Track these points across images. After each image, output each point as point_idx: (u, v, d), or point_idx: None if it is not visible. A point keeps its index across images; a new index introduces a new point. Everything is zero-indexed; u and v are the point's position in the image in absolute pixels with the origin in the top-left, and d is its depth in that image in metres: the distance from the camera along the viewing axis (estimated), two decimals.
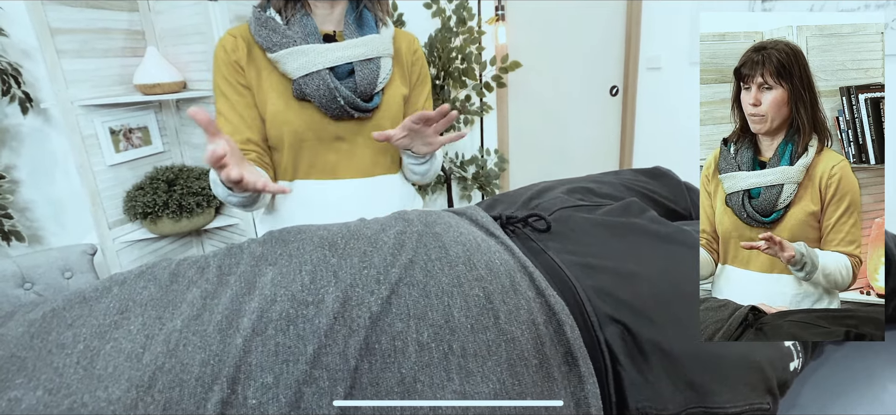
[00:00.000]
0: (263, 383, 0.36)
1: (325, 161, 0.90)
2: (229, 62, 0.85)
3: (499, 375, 0.43)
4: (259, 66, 0.86)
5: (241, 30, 0.88)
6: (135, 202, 1.68)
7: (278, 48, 0.83)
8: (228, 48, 0.85)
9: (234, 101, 0.86)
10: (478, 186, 2.34)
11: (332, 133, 0.88)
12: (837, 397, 0.61)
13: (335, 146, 0.89)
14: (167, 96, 1.71)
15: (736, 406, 0.47)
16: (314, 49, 0.83)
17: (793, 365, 0.53)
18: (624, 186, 0.83)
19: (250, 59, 0.86)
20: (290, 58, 0.82)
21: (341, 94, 0.83)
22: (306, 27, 0.85)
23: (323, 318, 0.41)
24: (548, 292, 0.50)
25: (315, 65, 0.82)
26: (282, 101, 0.85)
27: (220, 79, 0.87)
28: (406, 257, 0.50)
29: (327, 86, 0.82)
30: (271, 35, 0.83)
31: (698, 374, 0.47)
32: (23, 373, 0.35)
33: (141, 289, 0.43)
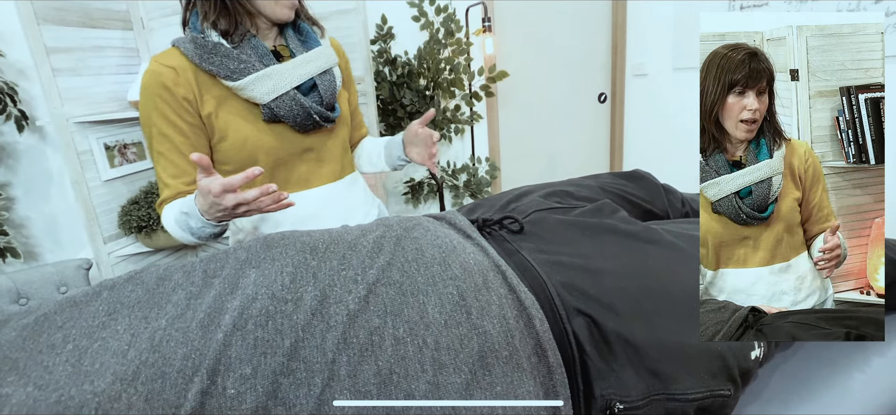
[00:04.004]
0: (242, 375, 0.39)
1: (297, 174, 0.91)
2: (175, 99, 0.79)
3: (470, 366, 0.45)
4: (215, 95, 0.82)
5: (174, 58, 0.80)
6: (130, 217, 1.70)
7: (239, 76, 0.79)
8: (170, 84, 0.78)
9: (177, 143, 0.80)
10: (469, 194, 2.37)
11: (301, 147, 0.90)
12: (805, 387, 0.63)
13: (305, 158, 0.91)
14: None
15: (697, 393, 0.50)
16: (277, 71, 0.82)
17: (754, 354, 0.55)
18: (601, 189, 0.86)
19: (202, 90, 0.81)
20: (256, 84, 0.80)
21: (314, 109, 0.85)
22: (258, 49, 0.82)
23: (301, 314, 0.44)
24: (519, 289, 0.52)
25: (283, 86, 0.82)
26: (249, 125, 0.83)
27: (158, 118, 0.79)
28: (384, 259, 0.52)
29: (300, 104, 0.84)
30: (225, 62, 0.79)
31: (661, 363, 0.50)
32: (14, 372, 0.37)
33: (129, 292, 0.45)
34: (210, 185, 0.67)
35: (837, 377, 0.64)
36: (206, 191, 0.67)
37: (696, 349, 0.51)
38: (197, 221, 0.74)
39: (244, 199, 0.67)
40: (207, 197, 0.68)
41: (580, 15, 2.47)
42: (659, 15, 2.27)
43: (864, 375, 0.64)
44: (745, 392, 0.59)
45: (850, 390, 0.62)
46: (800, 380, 0.64)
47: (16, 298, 1.31)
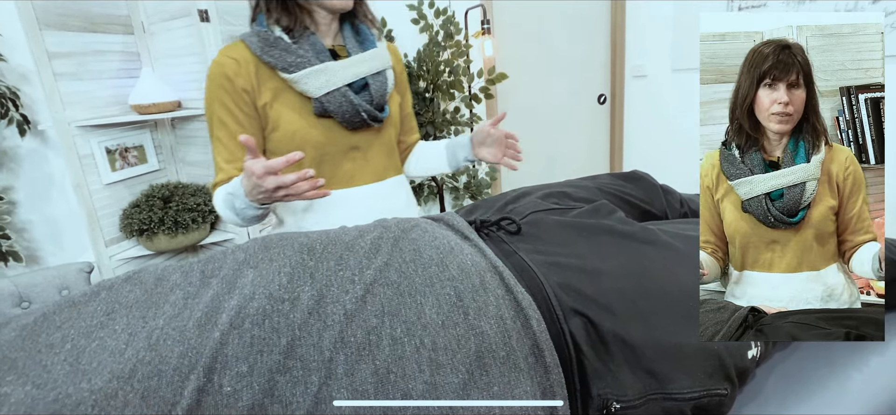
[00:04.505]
0: (238, 372, 0.39)
1: (343, 171, 0.94)
2: (234, 89, 0.84)
3: (467, 367, 0.45)
4: (272, 87, 0.87)
5: (238, 51, 0.86)
6: (131, 220, 1.71)
7: (295, 69, 0.84)
8: (231, 74, 0.84)
9: (233, 130, 0.86)
10: (469, 196, 2.37)
11: (348, 144, 0.93)
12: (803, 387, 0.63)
13: (351, 156, 0.94)
14: (162, 115, 1.75)
15: (693, 392, 0.50)
16: (331, 67, 0.86)
17: (751, 353, 0.55)
18: (599, 190, 0.86)
19: (260, 81, 0.86)
20: (310, 78, 0.84)
21: (363, 107, 0.89)
22: (315, 45, 0.87)
23: (297, 313, 0.44)
24: (516, 290, 0.53)
25: (335, 83, 0.86)
26: (300, 118, 0.87)
27: (218, 106, 0.85)
28: (381, 260, 0.53)
29: (350, 101, 0.87)
30: (284, 55, 0.84)
31: (657, 362, 0.50)
32: (14, 371, 0.38)
33: (127, 292, 0.46)
34: (253, 166, 0.71)
35: (835, 377, 0.64)
36: (250, 172, 0.71)
37: (693, 349, 0.52)
38: (241, 202, 0.79)
39: (283, 182, 0.71)
40: (251, 178, 0.72)
41: (579, 17, 2.47)
42: (658, 16, 2.27)
43: (863, 374, 0.63)
44: (743, 392, 0.59)
45: (848, 389, 0.62)
46: (798, 379, 0.63)
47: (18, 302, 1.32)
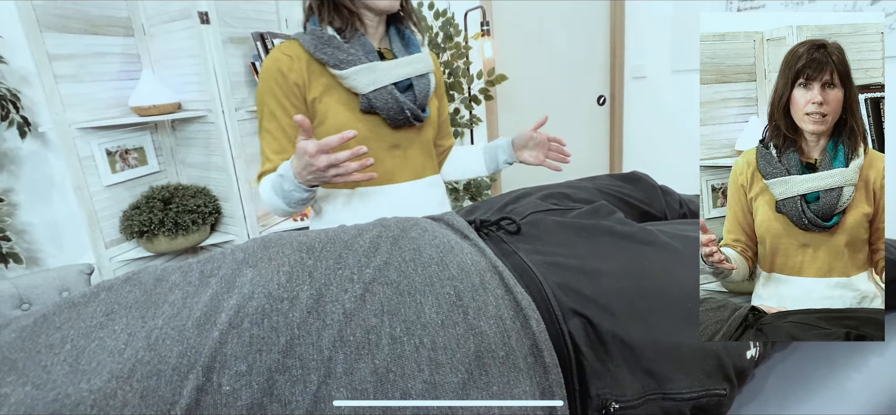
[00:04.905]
0: (237, 371, 0.39)
1: (384, 168, 0.97)
2: (287, 84, 0.90)
3: (467, 366, 0.45)
4: (322, 83, 0.92)
5: (292, 48, 0.92)
6: (131, 221, 1.71)
7: (346, 66, 0.89)
8: (285, 69, 0.89)
9: (284, 124, 0.91)
10: (469, 196, 2.38)
11: (390, 141, 0.97)
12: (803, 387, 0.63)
13: (392, 153, 0.98)
14: (162, 117, 1.75)
15: (692, 392, 0.50)
16: (379, 67, 0.91)
17: (749, 353, 0.55)
18: (598, 191, 0.86)
19: (312, 76, 0.92)
20: (360, 75, 0.89)
21: (407, 106, 0.94)
22: (365, 46, 0.92)
23: (296, 312, 0.44)
24: (516, 290, 0.53)
25: (382, 81, 0.91)
26: (347, 113, 0.92)
27: (270, 99, 0.90)
28: (381, 259, 0.53)
29: (395, 99, 0.92)
30: (336, 52, 0.89)
31: (656, 362, 0.50)
32: (13, 372, 0.38)
33: (126, 293, 0.46)
34: (307, 145, 0.75)
35: (835, 377, 0.63)
36: (303, 151, 0.75)
37: (692, 349, 0.52)
38: (290, 184, 0.83)
39: (336, 159, 0.75)
40: (303, 157, 0.76)
41: (579, 17, 2.48)
42: (658, 17, 2.28)
43: (862, 375, 0.63)
44: (743, 392, 0.59)
45: (847, 389, 0.62)
46: (798, 379, 0.63)
47: (18, 304, 1.32)
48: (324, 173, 0.77)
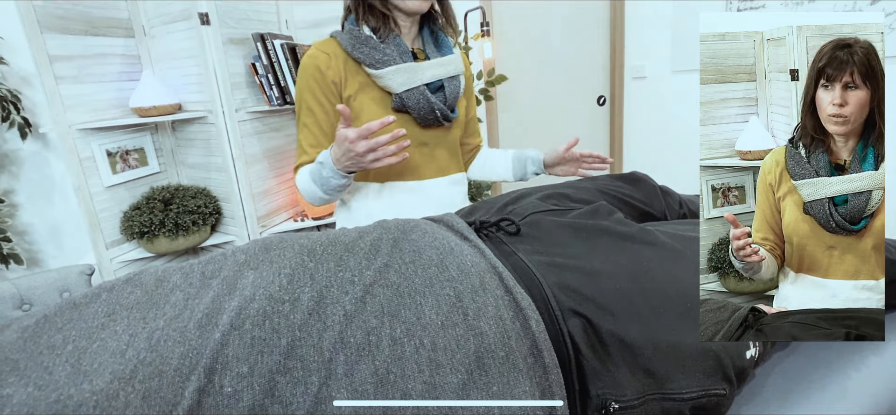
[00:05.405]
0: (239, 373, 0.39)
1: (411, 164, 1.02)
2: (324, 81, 0.93)
3: (467, 367, 0.46)
4: (357, 81, 0.96)
5: (330, 46, 0.95)
6: (132, 222, 1.72)
7: (381, 66, 0.92)
8: (322, 67, 0.93)
9: (320, 119, 0.96)
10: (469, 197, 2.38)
11: (419, 139, 1.01)
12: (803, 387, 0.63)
13: (420, 150, 1.02)
14: (163, 118, 1.75)
15: (692, 392, 0.50)
16: (413, 67, 0.95)
17: (749, 353, 0.55)
18: (598, 191, 0.86)
19: (349, 74, 0.95)
20: (394, 75, 0.93)
21: (437, 106, 0.97)
22: (400, 47, 0.95)
23: (298, 314, 0.44)
24: (515, 290, 0.53)
25: (415, 81, 0.95)
26: (380, 111, 0.96)
27: (308, 95, 0.95)
28: (381, 261, 0.53)
29: (427, 99, 0.96)
30: (372, 52, 0.93)
31: (656, 362, 0.50)
32: (15, 373, 0.38)
33: (128, 294, 0.46)
34: (348, 132, 0.79)
35: (835, 377, 0.64)
36: (343, 138, 0.79)
37: (691, 349, 0.52)
38: (328, 170, 0.87)
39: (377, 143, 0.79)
40: (343, 144, 0.80)
41: (579, 18, 2.48)
42: (657, 17, 2.28)
43: (862, 375, 0.63)
44: (742, 392, 0.59)
45: (847, 390, 0.62)
46: (798, 380, 0.63)
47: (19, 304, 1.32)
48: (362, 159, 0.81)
